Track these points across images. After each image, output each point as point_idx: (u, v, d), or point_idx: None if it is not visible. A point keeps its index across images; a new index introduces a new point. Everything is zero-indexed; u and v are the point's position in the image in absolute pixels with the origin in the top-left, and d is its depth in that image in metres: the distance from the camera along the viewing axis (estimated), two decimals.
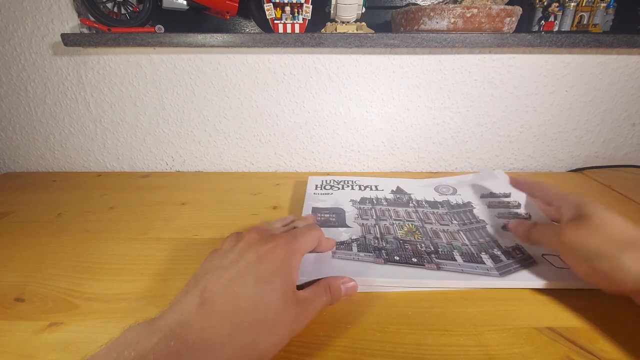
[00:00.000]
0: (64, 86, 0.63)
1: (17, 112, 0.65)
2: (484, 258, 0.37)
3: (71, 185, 0.62)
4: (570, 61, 0.61)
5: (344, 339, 0.28)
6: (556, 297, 0.32)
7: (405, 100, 0.64)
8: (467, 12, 0.53)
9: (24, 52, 0.61)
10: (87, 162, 0.70)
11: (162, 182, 0.62)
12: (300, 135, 0.67)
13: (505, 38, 0.55)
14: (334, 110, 0.65)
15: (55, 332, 0.29)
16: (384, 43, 0.56)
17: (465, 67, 0.61)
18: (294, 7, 0.55)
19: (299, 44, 0.56)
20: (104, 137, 0.67)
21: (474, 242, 0.40)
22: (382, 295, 0.33)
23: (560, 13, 0.58)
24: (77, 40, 0.56)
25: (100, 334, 0.28)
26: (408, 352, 0.27)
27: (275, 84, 0.63)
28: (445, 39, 0.55)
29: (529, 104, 0.64)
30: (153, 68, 0.62)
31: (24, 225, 0.47)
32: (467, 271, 0.35)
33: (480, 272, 0.35)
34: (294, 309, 0.26)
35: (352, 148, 0.68)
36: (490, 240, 0.40)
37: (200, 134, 0.67)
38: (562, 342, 0.28)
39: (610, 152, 0.69)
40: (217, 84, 0.63)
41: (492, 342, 0.28)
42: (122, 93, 0.64)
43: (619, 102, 0.64)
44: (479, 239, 0.41)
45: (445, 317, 0.30)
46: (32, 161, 0.70)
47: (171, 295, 0.33)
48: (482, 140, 0.67)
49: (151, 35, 0.56)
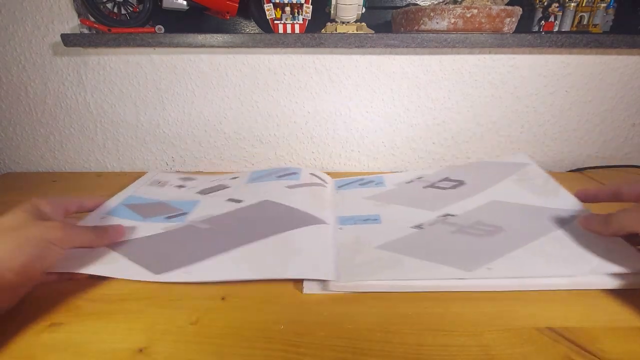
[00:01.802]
0: (64, 86, 0.63)
1: (17, 113, 0.65)
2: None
3: (71, 185, 0.62)
4: (571, 61, 0.61)
5: (344, 339, 0.28)
6: (556, 297, 0.32)
7: (405, 101, 0.64)
8: (467, 12, 0.53)
9: (24, 53, 0.61)
10: (87, 162, 0.70)
11: None
12: (301, 135, 0.67)
13: (505, 38, 0.55)
14: (334, 111, 0.65)
15: (55, 333, 0.29)
16: (384, 43, 0.56)
17: (465, 68, 0.61)
18: (294, 7, 0.55)
19: (299, 44, 0.56)
20: (104, 137, 0.67)
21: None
22: (382, 295, 0.33)
23: (560, 13, 0.58)
24: (77, 40, 0.56)
25: (100, 335, 0.28)
26: (408, 352, 0.27)
27: (276, 85, 0.63)
28: (446, 39, 0.55)
29: (529, 104, 0.64)
30: (153, 68, 0.62)
31: None
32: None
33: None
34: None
35: (352, 148, 0.68)
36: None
37: (200, 134, 0.67)
38: (563, 342, 0.28)
39: (610, 152, 0.69)
40: (217, 84, 0.63)
41: (492, 342, 0.28)
42: (122, 93, 0.64)
43: (619, 102, 0.64)
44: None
45: (445, 317, 0.30)
46: (32, 161, 0.70)
47: (171, 294, 0.33)
48: (483, 140, 0.67)
49: (151, 36, 0.56)
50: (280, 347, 0.27)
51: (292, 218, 0.43)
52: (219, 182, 0.56)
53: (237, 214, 0.45)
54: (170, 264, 0.36)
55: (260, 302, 0.32)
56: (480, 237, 0.38)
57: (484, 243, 0.37)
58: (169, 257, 0.37)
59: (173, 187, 0.56)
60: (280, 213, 0.44)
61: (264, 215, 0.44)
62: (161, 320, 0.30)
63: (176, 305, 0.32)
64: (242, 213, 0.45)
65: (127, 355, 0.27)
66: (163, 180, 0.58)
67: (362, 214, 0.46)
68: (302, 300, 0.33)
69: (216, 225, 0.43)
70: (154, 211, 0.47)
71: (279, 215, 0.44)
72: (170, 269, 0.35)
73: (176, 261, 0.36)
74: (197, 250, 0.38)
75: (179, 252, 0.38)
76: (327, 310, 0.31)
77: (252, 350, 0.27)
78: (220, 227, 0.42)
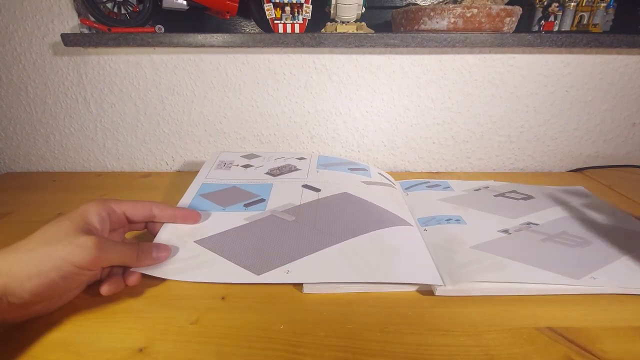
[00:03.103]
0: (64, 86, 0.63)
1: (17, 112, 0.65)
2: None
3: (71, 185, 0.61)
4: (571, 61, 0.61)
5: (344, 339, 0.28)
6: (556, 297, 0.32)
7: (405, 100, 0.64)
8: (467, 12, 0.53)
9: (24, 52, 0.61)
10: (87, 162, 0.70)
11: (163, 182, 0.62)
12: (301, 135, 0.67)
13: (505, 38, 0.55)
14: (334, 110, 0.65)
15: (55, 332, 0.29)
16: (384, 43, 0.56)
17: (465, 67, 0.61)
18: (294, 7, 0.55)
19: (299, 44, 0.56)
20: (104, 137, 0.67)
21: None
22: (383, 295, 0.33)
23: (560, 13, 0.58)
24: (77, 40, 0.56)
25: (100, 334, 0.28)
26: (408, 352, 0.27)
27: (276, 84, 0.63)
28: (446, 38, 0.55)
29: (529, 103, 0.64)
30: (153, 68, 0.62)
31: (24, 225, 0.47)
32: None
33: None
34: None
35: (352, 148, 0.68)
36: None
37: (200, 134, 0.67)
38: (562, 342, 0.28)
39: (610, 152, 0.68)
40: (218, 84, 0.63)
41: (492, 342, 0.28)
42: (122, 93, 0.64)
43: (619, 102, 0.64)
44: None
45: (445, 317, 0.30)
46: (32, 161, 0.70)
47: (171, 294, 0.33)
48: (483, 140, 0.67)
49: (151, 35, 0.56)
50: (280, 347, 0.27)
51: (379, 216, 0.42)
52: (285, 162, 0.55)
53: (319, 205, 0.44)
54: (269, 262, 0.35)
55: (260, 302, 0.32)
56: (572, 247, 0.39)
57: (579, 252, 0.38)
58: (265, 254, 0.36)
59: (240, 167, 0.55)
60: (365, 209, 0.43)
61: (348, 209, 0.43)
62: (161, 320, 0.30)
63: (176, 305, 0.32)
64: (325, 204, 0.44)
65: (127, 355, 0.27)
66: (228, 161, 0.57)
67: (444, 214, 0.45)
68: (302, 300, 0.33)
69: (301, 217, 0.42)
70: (231, 198, 0.46)
71: (365, 211, 0.43)
72: (269, 268, 0.34)
73: (274, 259, 0.35)
74: (291, 246, 0.37)
75: (274, 248, 0.37)
76: (327, 310, 0.31)
77: (252, 350, 0.27)
78: (307, 219, 0.41)
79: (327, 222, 0.41)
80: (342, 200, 0.45)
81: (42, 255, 0.27)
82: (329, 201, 0.45)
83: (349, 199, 0.45)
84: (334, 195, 0.46)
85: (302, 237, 0.38)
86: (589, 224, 0.44)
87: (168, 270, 0.34)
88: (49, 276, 0.26)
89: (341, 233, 0.38)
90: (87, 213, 0.32)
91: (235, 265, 0.34)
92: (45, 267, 0.26)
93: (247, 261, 0.35)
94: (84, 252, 0.28)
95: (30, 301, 0.26)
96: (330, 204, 0.44)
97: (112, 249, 0.30)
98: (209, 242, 0.38)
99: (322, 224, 0.40)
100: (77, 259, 0.27)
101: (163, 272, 0.34)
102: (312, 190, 0.47)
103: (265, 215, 0.42)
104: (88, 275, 0.30)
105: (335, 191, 0.47)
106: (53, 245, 0.27)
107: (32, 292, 0.26)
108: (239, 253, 0.36)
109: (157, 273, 0.34)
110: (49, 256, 0.27)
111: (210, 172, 0.53)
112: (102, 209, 0.33)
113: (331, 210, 0.43)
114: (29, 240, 0.28)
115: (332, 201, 0.45)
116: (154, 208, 0.37)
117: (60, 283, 0.27)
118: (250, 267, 0.34)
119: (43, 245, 0.27)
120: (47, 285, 0.26)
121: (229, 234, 0.39)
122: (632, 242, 0.40)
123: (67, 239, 0.28)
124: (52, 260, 0.27)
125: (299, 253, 0.36)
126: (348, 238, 0.37)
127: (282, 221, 0.41)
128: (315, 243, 0.37)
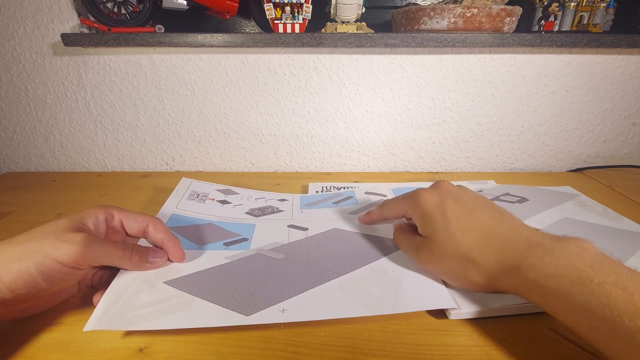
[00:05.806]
0: (64, 86, 0.63)
1: (17, 112, 0.65)
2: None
3: (71, 185, 0.62)
4: (571, 61, 0.61)
5: (344, 339, 0.28)
6: None
7: (405, 100, 0.64)
8: (467, 12, 0.53)
9: (24, 52, 0.61)
10: (87, 162, 0.70)
11: (162, 182, 0.62)
12: (301, 135, 0.67)
13: (505, 38, 0.55)
14: (334, 110, 0.65)
15: (55, 332, 0.29)
16: (384, 43, 0.56)
17: (465, 67, 0.61)
18: (294, 7, 0.55)
19: (299, 44, 0.56)
20: (104, 137, 0.67)
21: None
22: None
23: (561, 13, 0.58)
24: (77, 40, 0.56)
25: (100, 334, 0.28)
26: (408, 352, 0.27)
27: (276, 84, 0.63)
28: (446, 38, 0.55)
29: (530, 103, 0.64)
30: (153, 68, 0.62)
31: (24, 225, 0.47)
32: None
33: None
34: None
35: (352, 148, 0.68)
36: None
37: (200, 134, 0.67)
38: (563, 342, 0.28)
39: (610, 151, 0.69)
40: (217, 83, 0.63)
41: (492, 342, 0.28)
42: (122, 93, 0.64)
43: (619, 102, 0.64)
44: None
45: (445, 317, 0.30)
46: (32, 161, 0.70)
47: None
48: (483, 140, 0.67)
49: (151, 35, 0.56)
50: (280, 347, 0.27)
51: (374, 245, 0.39)
52: (266, 203, 0.51)
53: (309, 242, 0.41)
54: (259, 301, 0.30)
55: None
56: None
57: None
58: (254, 293, 0.31)
59: (216, 202, 0.50)
60: (357, 241, 0.41)
61: (340, 244, 0.40)
62: None
63: None
64: (315, 241, 0.41)
65: (127, 355, 0.27)
66: (202, 193, 0.52)
67: None
68: None
69: (292, 255, 0.38)
70: (207, 236, 0.41)
71: (358, 244, 0.40)
72: (261, 308, 0.30)
73: (266, 298, 0.31)
74: (284, 284, 0.33)
75: (263, 286, 0.32)
76: None
77: (252, 350, 0.27)
78: (298, 257, 0.37)
79: (320, 258, 0.37)
80: (332, 235, 0.42)
81: (26, 248, 0.26)
82: (319, 238, 0.41)
83: (339, 234, 0.42)
84: (323, 232, 0.43)
85: (295, 275, 0.34)
86: (587, 227, 0.44)
87: (130, 318, 0.28)
88: (28, 271, 0.25)
89: (337, 268, 0.35)
90: (85, 214, 0.32)
91: (218, 307, 0.29)
92: (27, 261, 0.25)
93: (233, 301, 0.30)
94: (67, 248, 0.27)
95: (11, 298, 0.25)
96: (321, 241, 0.41)
97: (99, 247, 0.29)
98: (183, 282, 0.32)
99: (315, 260, 0.37)
100: (60, 255, 0.26)
101: (124, 323, 0.27)
102: (299, 229, 0.44)
103: (251, 253, 0.38)
104: (74, 276, 0.28)
105: (323, 228, 0.44)
106: (39, 239, 0.27)
107: (9, 288, 0.25)
108: (222, 293, 0.31)
109: (115, 326, 0.27)
110: (32, 250, 0.26)
111: (181, 203, 0.48)
112: (101, 212, 0.32)
113: (323, 247, 0.40)
114: (20, 235, 0.28)
115: (322, 238, 0.42)
116: (150, 225, 0.35)
117: (40, 280, 0.26)
118: (236, 308, 0.29)
119: (30, 240, 0.27)
120: (26, 282, 0.25)
121: (207, 273, 0.34)
122: (625, 241, 0.40)
123: (54, 234, 0.27)
124: (34, 254, 0.26)
125: (294, 290, 0.32)
126: (346, 272, 0.34)
127: (270, 259, 0.37)
128: (311, 280, 0.33)
